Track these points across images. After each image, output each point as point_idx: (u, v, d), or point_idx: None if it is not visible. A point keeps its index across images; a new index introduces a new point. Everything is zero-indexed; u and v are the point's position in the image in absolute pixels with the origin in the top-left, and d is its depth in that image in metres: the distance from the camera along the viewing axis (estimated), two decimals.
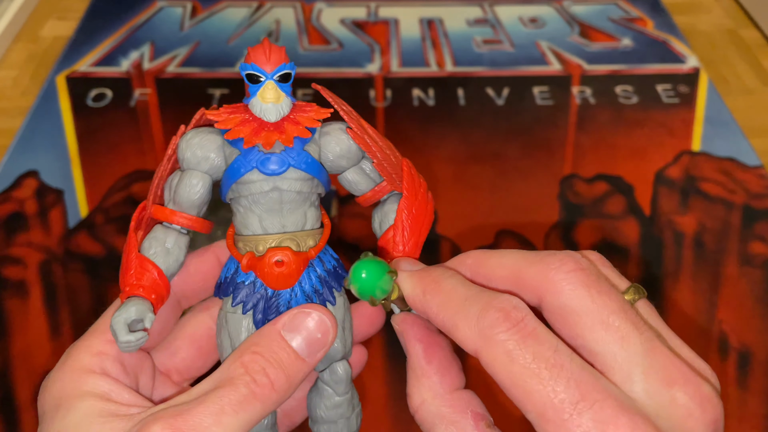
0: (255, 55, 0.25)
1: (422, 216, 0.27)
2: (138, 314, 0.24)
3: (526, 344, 0.20)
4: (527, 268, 0.22)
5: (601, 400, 0.19)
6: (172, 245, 0.26)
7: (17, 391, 0.65)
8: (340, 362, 0.27)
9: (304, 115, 0.26)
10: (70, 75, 1.04)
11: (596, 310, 0.21)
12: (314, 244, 0.26)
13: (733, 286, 0.75)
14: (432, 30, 1.15)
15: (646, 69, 1.05)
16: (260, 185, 0.25)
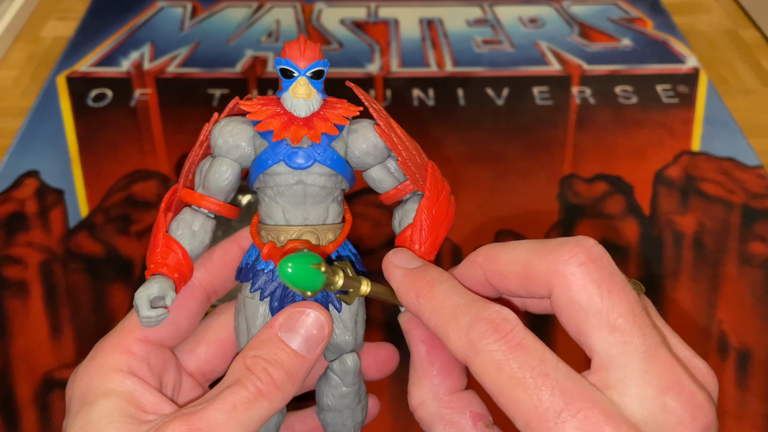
0: (290, 51, 0.26)
1: (442, 218, 0.28)
2: (160, 291, 0.25)
3: (513, 354, 0.20)
4: (537, 262, 0.22)
5: (586, 408, 0.19)
6: (198, 228, 0.27)
7: (17, 390, 0.65)
8: (350, 354, 0.28)
9: (333, 112, 0.26)
10: (70, 75, 1.04)
11: (604, 310, 0.21)
12: (334, 238, 0.27)
13: (732, 286, 0.75)
14: (432, 30, 1.15)
15: (646, 69, 1.05)
16: (286, 178, 0.26)
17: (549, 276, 0.22)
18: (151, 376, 0.25)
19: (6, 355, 0.68)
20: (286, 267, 0.22)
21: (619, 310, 0.20)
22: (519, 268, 0.23)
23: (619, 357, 0.20)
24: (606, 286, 0.21)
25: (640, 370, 0.20)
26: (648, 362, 0.20)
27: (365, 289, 0.25)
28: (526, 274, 0.22)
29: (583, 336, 0.21)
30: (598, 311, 0.21)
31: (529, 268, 0.22)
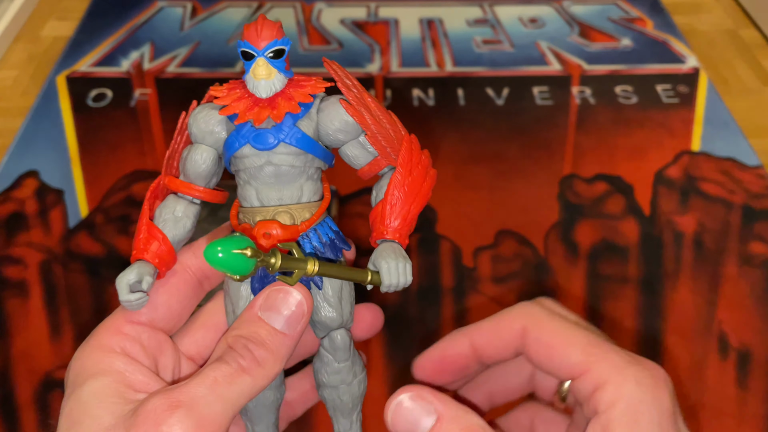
0: (248, 33, 0.27)
1: (416, 192, 0.27)
2: (138, 276, 0.26)
3: None
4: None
5: None
6: (181, 214, 0.27)
7: (17, 391, 0.65)
8: (338, 330, 0.28)
9: (298, 91, 0.26)
10: (70, 75, 1.04)
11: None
12: (311, 217, 0.27)
13: (732, 286, 0.75)
14: (432, 30, 1.15)
15: (646, 69, 1.05)
16: (253, 160, 0.26)
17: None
18: (144, 356, 0.26)
19: (6, 355, 0.68)
20: (215, 252, 0.22)
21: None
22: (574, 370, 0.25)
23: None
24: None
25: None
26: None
27: (311, 269, 0.24)
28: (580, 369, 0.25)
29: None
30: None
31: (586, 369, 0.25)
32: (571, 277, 0.76)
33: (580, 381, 0.24)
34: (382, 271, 0.26)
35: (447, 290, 0.74)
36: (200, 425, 0.22)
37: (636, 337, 0.70)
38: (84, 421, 0.23)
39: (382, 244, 0.26)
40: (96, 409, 0.23)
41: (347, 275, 0.26)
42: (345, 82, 0.27)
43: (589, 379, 0.24)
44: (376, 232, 0.27)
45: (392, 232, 0.26)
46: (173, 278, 0.27)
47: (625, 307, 0.73)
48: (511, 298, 0.73)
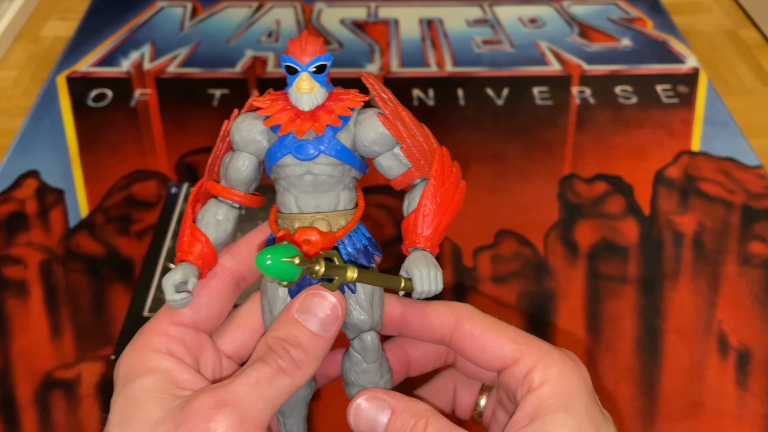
0: (292, 48, 0.28)
1: (447, 203, 0.29)
2: (183, 277, 0.27)
3: None
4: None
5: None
6: (222, 217, 0.29)
7: (18, 391, 0.66)
8: (368, 333, 0.29)
9: (338, 104, 0.28)
10: (70, 75, 1.04)
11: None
12: (346, 224, 0.29)
13: (732, 286, 0.75)
14: (432, 30, 1.15)
15: (646, 69, 1.06)
16: (294, 169, 0.28)
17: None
18: (187, 356, 0.27)
19: (6, 355, 0.68)
20: (265, 260, 0.23)
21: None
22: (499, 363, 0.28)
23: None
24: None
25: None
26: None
27: (351, 276, 0.26)
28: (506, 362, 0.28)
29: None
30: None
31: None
32: (571, 277, 0.76)
33: (514, 368, 0.27)
34: (415, 278, 0.27)
35: (447, 290, 0.74)
36: (243, 422, 0.24)
37: (635, 337, 0.70)
38: (135, 415, 0.25)
39: (414, 253, 0.28)
40: (147, 404, 0.25)
41: (382, 282, 0.27)
42: (381, 96, 0.29)
43: (522, 365, 0.27)
44: (408, 241, 0.28)
45: (424, 241, 0.28)
46: (213, 280, 0.29)
47: (624, 306, 0.73)
48: (511, 297, 0.73)
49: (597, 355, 0.69)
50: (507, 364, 0.28)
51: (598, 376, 0.67)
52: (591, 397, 0.26)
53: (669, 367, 0.68)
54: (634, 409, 0.65)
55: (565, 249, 0.79)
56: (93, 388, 0.66)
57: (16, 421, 0.63)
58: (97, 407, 0.64)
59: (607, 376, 0.67)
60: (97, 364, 0.67)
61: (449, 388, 0.34)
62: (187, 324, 0.28)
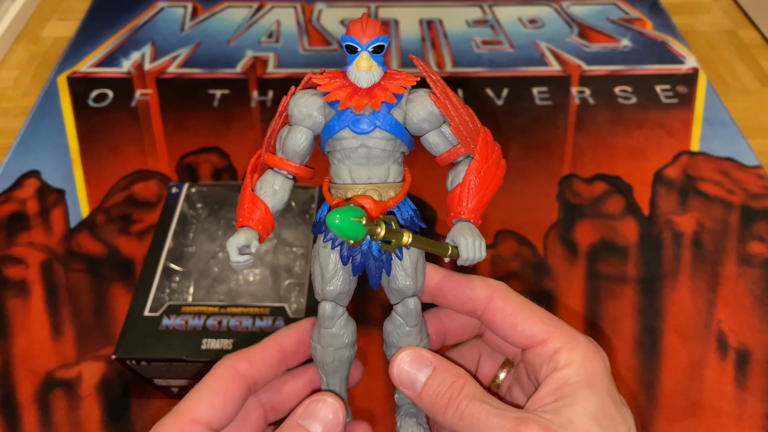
0: (353, 28, 0.29)
1: (490, 178, 0.31)
2: (246, 240, 0.29)
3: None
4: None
5: None
6: (279, 187, 0.31)
7: (18, 390, 0.66)
8: (411, 298, 0.31)
9: (393, 83, 0.30)
10: (71, 75, 1.04)
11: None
12: (394, 195, 0.30)
13: (731, 285, 0.75)
14: (432, 31, 1.15)
15: (645, 69, 1.06)
16: (350, 142, 0.29)
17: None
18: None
19: (7, 354, 0.69)
20: (334, 219, 0.25)
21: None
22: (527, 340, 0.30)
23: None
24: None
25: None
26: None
27: (406, 240, 0.27)
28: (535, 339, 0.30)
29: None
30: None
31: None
32: (571, 277, 0.76)
33: (541, 347, 0.29)
34: (461, 246, 0.29)
35: None
36: None
37: (635, 337, 0.70)
38: None
39: (459, 224, 0.30)
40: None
41: (433, 248, 0.29)
42: (431, 77, 0.30)
43: (549, 345, 0.29)
44: (453, 212, 0.30)
45: (468, 213, 0.30)
46: (230, 384, 0.30)
47: (624, 306, 0.73)
48: None
49: None
50: (535, 343, 0.29)
51: None
52: (611, 380, 0.28)
53: (668, 366, 0.68)
54: (634, 408, 0.65)
55: (565, 249, 0.79)
56: (93, 388, 0.66)
57: (17, 421, 0.64)
58: (97, 407, 0.65)
59: None
60: (97, 363, 0.68)
61: (474, 357, 0.35)
62: (203, 422, 0.29)
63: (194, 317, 0.59)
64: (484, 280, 0.31)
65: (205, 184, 0.74)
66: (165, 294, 0.64)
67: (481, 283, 0.31)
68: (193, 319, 0.59)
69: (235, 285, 0.69)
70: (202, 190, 0.74)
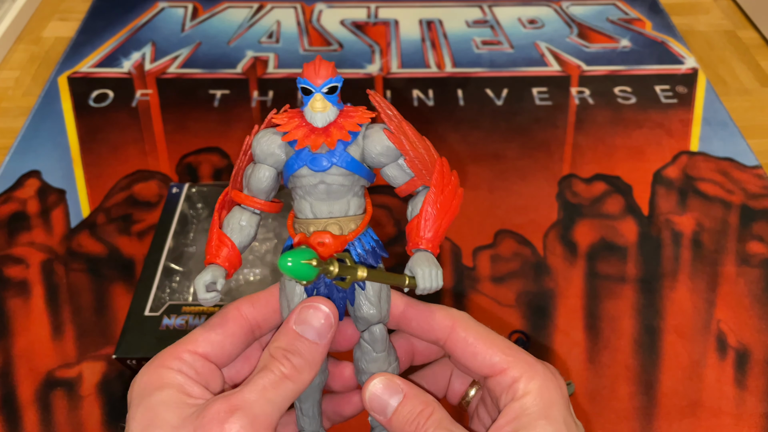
0: (307, 71, 0.31)
1: (446, 208, 0.32)
2: (213, 278, 0.31)
3: None
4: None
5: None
6: (245, 223, 0.32)
7: (19, 390, 0.66)
8: (377, 325, 0.33)
9: (348, 121, 0.31)
10: (71, 75, 1.05)
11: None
12: (355, 228, 0.32)
13: (731, 285, 0.75)
14: (432, 31, 1.15)
15: (645, 70, 1.06)
16: (309, 179, 0.31)
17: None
18: (197, 378, 0.30)
19: (7, 354, 0.69)
20: (286, 262, 0.26)
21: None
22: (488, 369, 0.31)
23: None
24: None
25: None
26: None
27: (361, 275, 0.29)
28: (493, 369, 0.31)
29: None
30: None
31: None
32: (570, 277, 0.76)
33: (500, 377, 0.30)
34: (418, 276, 0.30)
35: (446, 290, 0.74)
36: (254, 424, 0.27)
37: (634, 337, 0.70)
38: (155, 423, 0.27)
39: (417, 253, 0.31)
40: (164, 413, 0.28)
41: (389, 280, 0.30)
42: (387, 112, 0.32)
43: (508, 375, 0.30)
44: (411, 243, 0.31)
45: (426, 243, 0.31)
46: (231, 322, 0.32)
47: (623, 306, 0.73)
48: (511, 297, 0.74)
49: (596, 354, 0.69)
50: (495, 372, 0.30)
51: (597, 375, 0.67)
52: (567, 408, 0.30)
53: (668, 366, 0.68)
54: (633, 408, 0.65)
55: (565, 249, 0.79)
56: (94, 388, 0.66)
57: (17, 420, 0.64)
58: (98, 406, 0.65)
59: (606, 375, 0.67)
60: (98, 363, 0.68)
61: (446, 374, 0.37)
62: (200, 353, 0.30)
63: (195, 317, 0.59)
64: (446, 310, 0.32)
65: (206, 184, 0.74)
66: (165, 294, 0.64)
67: (443, 313, 0.32)
68: (193, 318, 0.59)
69: (236, 285, 0.69)
70: (202, 190, 0.74)
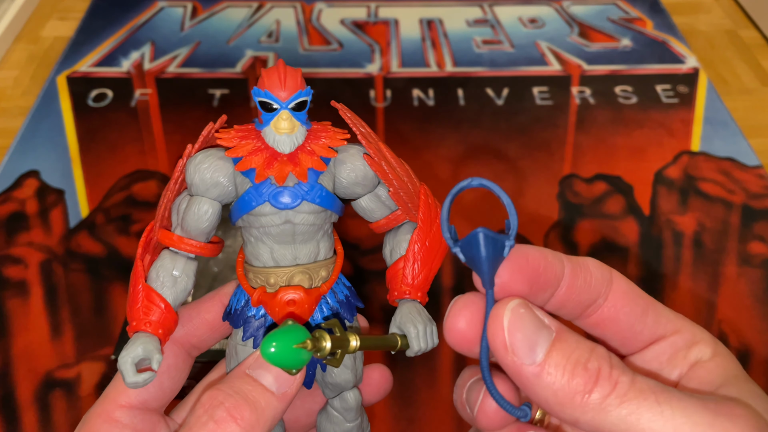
0: (269, 81, 0.24)
1: (436, 248, 0.26)
2: (145, 353, 0.23)
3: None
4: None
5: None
6: (180, 273, 0.25)
7: (18, 391, 0.66)
8: (351, 390, 0.27)
9: (318, 143, 0.24)
10: (70, 75, 1.04)
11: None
12: (327, 275, 0.25)
13: (732, 285, 0.75)
14: (432, 30, 1.15)
15: (646, 69, 1.06)
16: (272, 219, 0.24)
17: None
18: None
19: (6, 354, 0.68)
20: (269, 348, 0.20)
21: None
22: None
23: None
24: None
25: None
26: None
27: (354, 346, 0.23)
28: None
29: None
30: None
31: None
32: None
33: (674, 338, 0.23)
34: (411, 337, 0.25)
35: (447, 290, 0.74)
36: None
37: None
38: None
39: (405, 305, 0.25)
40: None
41: (379, 346, 0.25)
42: (361, 130, 0.25)
43: (684, 337, 0.23)
44: (397, 291, 0.26)
45: (414, 292, 0.25)
46: (164, 354, 0.25)
47: None
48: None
49: None
50: (665, 332, 0.23)
51: None
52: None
53: None
54: None
55: (565, 249, 0.79)
56: (93, 388, 0.66)
57: (16, 421, 0.64)
58: None
59: None
60: (97, 363, 0.67)
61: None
62: (135, 405, 0.25)
63: None
64: (595, 260, 0.24)
65: None
66: None
67: (599, 263, 0.23)
68: None
69: None
70: None
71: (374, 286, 0.73)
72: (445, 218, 0.23)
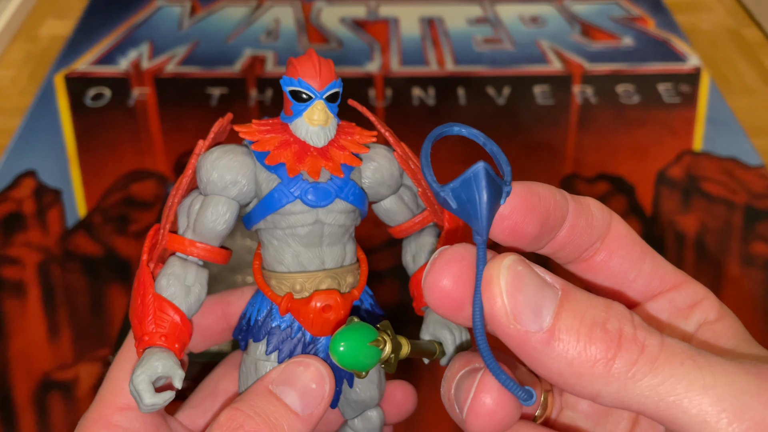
0: (302, 69, 0.22)
1: None
2: (164, 370, 0.21)
3: None
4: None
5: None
6: (192, 282, 0.23)
7: (15, 392, 0.65)
8: (374, 409, 0.25)
9: (348, 139, 0.23)
10: (68, 74, 1.04)
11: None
12: (353, 281, 0.24)
13: (734, 286, 0.74)
14: (432, 29, 1.14)
15: (648, 68, 1.05)
16: (302, 218, 0.22)
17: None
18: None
19: (3, 356, 0.68)
20: (338, 346, 0.18)
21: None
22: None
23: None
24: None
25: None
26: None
27: (406, 351, 0.21)
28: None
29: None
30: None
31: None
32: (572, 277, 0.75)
33: (677, 291, 0.21)
34: (447, 342, 0.23)
35: None
36: None
37: None
38: None
39: (433, 312, 0.23)
40: None
41: (422, 351, 0.23)
42: (388, 129, 0.24)
43: (684, 294, 0.21)
44: (421, 302, 0.24)
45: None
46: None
47: None
48: None
49: None
50: (667, 285, 0.21)
51: None
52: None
53: None
54: None
55: None
56: (91, 389, 0.65)
57: (13, 423, 0.63)
58: None
59: None
60: (95, 365, 0.67)
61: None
62: (134, 407, 0.22)
63: None
64: (596, 201, 0.21)
65: None
66: None
67: (596, 203, 0.21)
68: None
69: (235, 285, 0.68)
70: None
71: (374, 286, 0.73)
72: (426, 163, 0.20)
